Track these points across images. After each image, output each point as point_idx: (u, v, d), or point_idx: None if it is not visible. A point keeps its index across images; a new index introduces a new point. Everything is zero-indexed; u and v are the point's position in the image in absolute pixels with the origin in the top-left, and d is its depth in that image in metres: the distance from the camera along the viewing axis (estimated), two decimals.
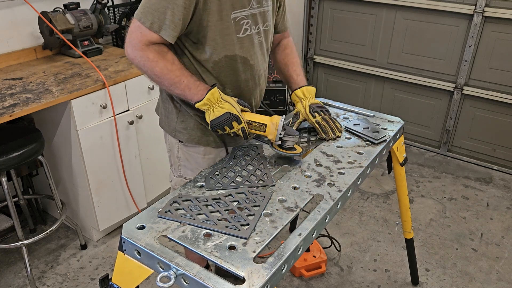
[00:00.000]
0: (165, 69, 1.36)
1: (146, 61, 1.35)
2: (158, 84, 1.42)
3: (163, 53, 1.36)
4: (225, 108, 1.38)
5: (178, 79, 1.37)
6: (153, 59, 1.35)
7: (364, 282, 2.31)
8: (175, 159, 1.65)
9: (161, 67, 1.35)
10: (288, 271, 1.11)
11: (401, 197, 2.02)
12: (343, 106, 1.95)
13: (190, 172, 1.63)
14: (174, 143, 1.62)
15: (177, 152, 1.63)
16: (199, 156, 1.60)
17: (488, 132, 3.29)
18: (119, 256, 1.17)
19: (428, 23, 3.26)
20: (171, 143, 1.64)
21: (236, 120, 1.39)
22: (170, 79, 1.37)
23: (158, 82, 1.41)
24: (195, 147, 1.58)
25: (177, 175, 1.67)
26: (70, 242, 2.56)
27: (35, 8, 2.35)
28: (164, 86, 1.41)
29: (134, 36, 1.34)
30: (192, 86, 1.38)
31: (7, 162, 1.97)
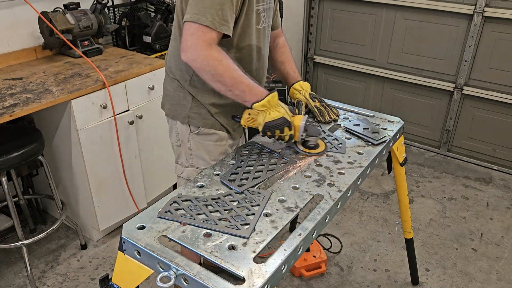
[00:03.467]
0: (229, 68, 1.39)
1: (211, 59, 1.37)
2: (218, 84, 1.42)
3: (224, 53, 1.40)
4: (281, 113, 1.43)
5: (240, 79, 1.41)
6: (217, 58, 1.37)
7: (364, 282, 2.31)
8: (187, 149, 1.67)
9: (225, 66, 1.38)
10: (288, 271, 1.11)
11: (401, 197, 2.02)
12: (343, 106, 1.94)
13: (202, 162, 1.66)
14: (185, 133, 1.64)
15: (188, 142, 1.65)
16: (211, 143, 1.64)
17: (488, 132, 3.29)
18: (119, 256, 1.17)
19: (428, 23, 3.26)
20: (182, 134, 1.65)
21: (289, 126, 1.44)
22: (233, 77, 1.40)
23: (219, 81, 1.41)
24: (208, 134, 1.62)
25: (189, 166, 1.69)
26: (70, 242, 2.56)
27: (35, 8, 2.35)
28: (225, 85, 1.41)
29: (196, 37, 1.36)
30: (253, 87, 1.43)
31: (7, 162, 1.97)
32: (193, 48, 1.37)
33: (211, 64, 1.37)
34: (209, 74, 1.40)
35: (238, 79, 1.41)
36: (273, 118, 1.43)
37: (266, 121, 1.43)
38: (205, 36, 1.35)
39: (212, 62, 1.37)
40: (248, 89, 1.42)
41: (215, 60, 1.37)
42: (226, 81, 1.40)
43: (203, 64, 1.38)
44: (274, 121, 1.42)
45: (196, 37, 1.36)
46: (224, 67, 1.38)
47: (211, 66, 1.38)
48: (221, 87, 1.43)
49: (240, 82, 1.41)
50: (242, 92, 1.42)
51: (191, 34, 1.36)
